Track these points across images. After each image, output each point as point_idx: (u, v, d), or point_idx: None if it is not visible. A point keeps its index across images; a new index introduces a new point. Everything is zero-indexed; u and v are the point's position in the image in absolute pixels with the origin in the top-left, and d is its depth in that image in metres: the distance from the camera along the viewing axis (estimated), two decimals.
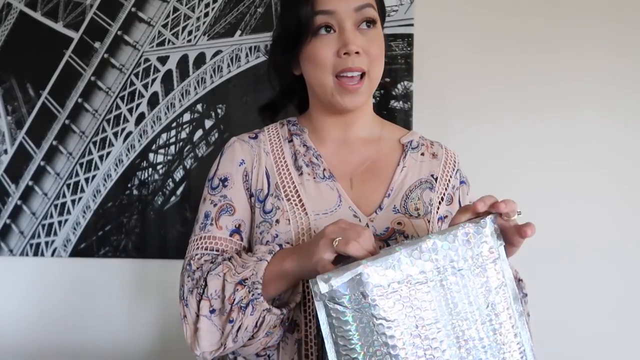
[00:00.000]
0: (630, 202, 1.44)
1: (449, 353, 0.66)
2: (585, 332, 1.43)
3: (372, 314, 0.65)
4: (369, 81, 0.86)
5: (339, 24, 0.83)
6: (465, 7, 1.53)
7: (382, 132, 0.95)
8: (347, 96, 0.84)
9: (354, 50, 0.82)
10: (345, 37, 0.82)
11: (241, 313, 0.77)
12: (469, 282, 0.67)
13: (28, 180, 1.75)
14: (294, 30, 0.85)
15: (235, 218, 0.88)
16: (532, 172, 1.48)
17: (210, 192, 0.90)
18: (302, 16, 0.83)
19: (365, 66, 0.84)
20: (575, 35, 1.48)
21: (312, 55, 0.84)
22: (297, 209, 0.85)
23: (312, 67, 0.85)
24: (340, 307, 0.65)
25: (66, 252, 1.71)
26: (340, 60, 0.83)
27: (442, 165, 0.94)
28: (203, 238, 0.87)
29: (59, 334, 1.70)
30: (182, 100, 1.66)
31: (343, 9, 0.83)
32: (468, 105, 1.51)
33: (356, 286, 0.65)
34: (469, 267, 0.68)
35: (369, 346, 0.65)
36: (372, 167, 0.91)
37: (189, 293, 0.81)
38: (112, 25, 1.72)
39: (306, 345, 0.81)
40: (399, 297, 0.65)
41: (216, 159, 0.94)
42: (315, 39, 0.84)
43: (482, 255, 0.68)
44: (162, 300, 1.65)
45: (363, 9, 0.84)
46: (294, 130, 0.94)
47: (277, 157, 0.91)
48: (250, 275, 0.77)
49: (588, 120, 1.47)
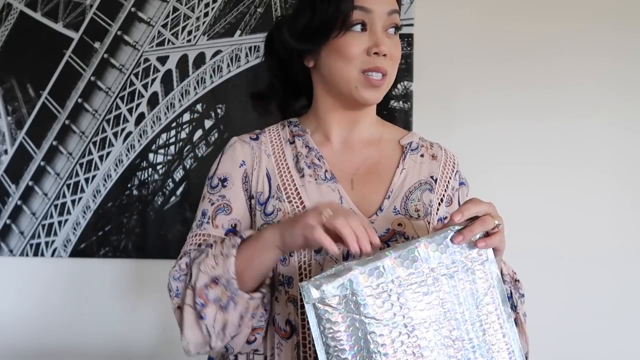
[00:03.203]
0: (630, 204, 1.44)
1: (437, 352, 0.67)
2: (585, 332, 1.43)
3: (361, 314, 0.66)
4: (388, 82, 0.88)
5: (372, 23, 0.85)
6: (465, 7, 1.52)
7: (383, 134, 0.96)
8: (371, 90, 0.86)
9: (384, 52, 0.84)
10: (378, 37, 0.84)
11: (222, 311, 0.77)
12: (459, 284, 0.69)
13: (28, 180, 1.75)
14: (328, 21, 0.85)
15: (232, 217, 0.88)
16: (532, 172, 1.48)
17: (210, 191, 0.91)
18: (342, 8, 0.84)
19: (389, 68, 0.86)
20: (576, 35, 1.47)
21: (343, 49, 0.85)
22: (298, 211, 0.85)
23: (339, 59, 0.86)
24: (329, 309, 0.67)
25: (66, 252, 1.71)
26: (370, 59, 0.85)
27: (442, 167, 0.94)
28: (198, 235, 0.88)
29: (59, 334, 1.70)
30: (182, 100, 1.66)
31: (379, 9, 0.85)
32: (468, 105, 1.51)
33: (346, 287, 0.67)
34: (458, 269, 0.69)
35: (358, 346, 0.67)
36: (372, 168, 0.92)
37: (175, 280, 0.82)
38: (112, 25, 1.72)
39: (304, 347, 0.82)
40: (387, 297, 0.67)
41: (217, 159, 0.94)
42: (348, 33, 0.85)
43: (471, 257, 0.70)
44: (162, 300, 1.65)
45: (393, 14, 0.87)
46: (295, 131, 0.94)
47: (278, 159, 0.91)
48: (222, 273, 0.78)
49: (588, 121, 1.46)
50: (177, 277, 0.82)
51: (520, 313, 0.86)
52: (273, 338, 0.85)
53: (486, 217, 0.71)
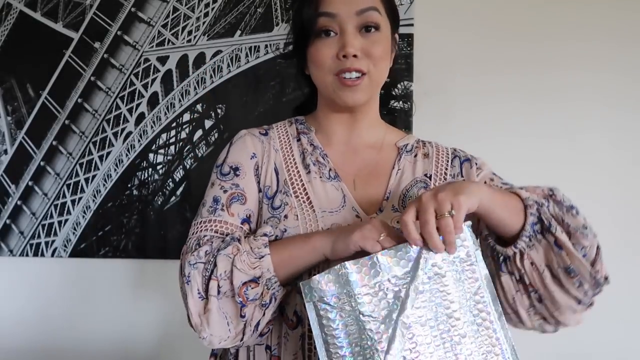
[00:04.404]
0: (629, 202, 1.44)
1: (432, 349, 0.68)
2: (584, 332, 1.43)
3: (359, 311, 0.68)
4: (370, 81, 0.87)
5: (340, 26, 0.85)
6: (465, 7, 1.53)
7: (385, 137, 0.97)
8: (346, 91, 0.86)
9: (352, 53, 0.84)
10: (345, 40, 0.84)
11: (261, 309, 0.78)
12: (450, 283, 0.70)
13: (28, 180, 1.75)
14: (299, 32, 0.88)
15: (247, 208, 0.88)
16: (532, 172, 1.47)
17: (220, 178, 0.90)
18: (304, 18, 0.85)
19: (365, 67, 0.85)
20: (576, 35, 1.48)
21: (314, 57, 0.87)
22: (304, 206, 0.87)
23: (314, 67, 0.88)
24: (328, 307, 0.69)
25: (66, 252, 1.71)
26: (340, 62, 0.85)
27: (434, 163, 0.95)
28: (213, 221, 0.85)
29: (59, 334, 1.70)
30: (182, 100, 1.66)
31: (345, 12, 0.84)
32: (468, 105, 1.51)
33: (344, 285, 0.69)
34: (449, 269, 0.71)
35: (356, 343, 0.69)
36: (373, 170, 0.93)
37: (193, 269, 0.79)
38: (112, 25, 1.72)
39: (309, 339, 0.83)
40: (384, 295, 0.69)
41: (224, 149, 0.94)
42: (317, 41, 0.86)
43: (460, 258, 0.71)
44: (162, 300, 1.65)
45: (365, 12, 0.85)
46: (301, 129, 0.96)
47: (286, 155, 0.93)
48: (263, 273, 0.78)
49: (588, 121, 1.46)
50: (193, 263, 0.79)
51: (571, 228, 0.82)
52: (280, 328, 0.85)
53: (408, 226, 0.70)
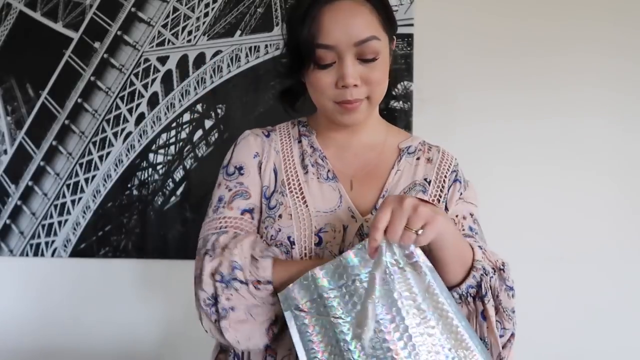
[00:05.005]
0: (629, 205, 1.44)
1: (400, 345, 0.69)
2: (584, 332, 1.43)
3: (329, 315, 0.71)
4: (369, 103, 0.88)
5: (339, 55, 0.83)
6: (466, 8, 1.53)
7: (386, 138, 0.97)
8: (346, 114, 0.87)
9: (352, 83, 0.83)
10: (344, 70, 0.83)
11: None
12: (411, 280, 0.71)
13: (28, 180, 1.75)
14: (296, 57, 0.86)
15: (249, 202, 0.90)
16: (531, 172, 1.48)
17: (226, 178, 0.93)
18: (301, 44, 0.83)
19: (363, 95, 0.85)
20: (576, 36, 1.48)
21: (314, 83, 0.86)
22: (299, 205, 0.88)
23: (313, 91, 0.88)
24: (303, 314, 0.73)
25: (66, 253, 1.71)
26: (340, 92, 0.84)
27: (436, 169, 0.95)
28: (216, 219, 0.89)
29: (59, 334, 1.70)
30: (182, 100, 1.66)
31: (343, 43, 0.82)
32: (468, 105, 1.51)
33: (313, 291, 0.73)
34: (405, 266, 0.72)
35: (331, 346, 0.71)
36: (371, 171, 0.93)
37: (203, 309, 0.80)
38: (112, 25, 1.72)
39: None
40: (351, 296, 0.71)
41: (230, 150, 0.97)
42: (316, 68, 0.85)
43: (406, 256, 0.73)
44: (162, 300, 1.65)
45: (364, 43, 0.82)
46: (303, 131, 0.98)
47: (286, 156, 0.94)
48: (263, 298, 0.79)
49: (588, 121, 1.47)
50: (202, 300, 0.80)
51: (501, 307, 0.80)
52: None
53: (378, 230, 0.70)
